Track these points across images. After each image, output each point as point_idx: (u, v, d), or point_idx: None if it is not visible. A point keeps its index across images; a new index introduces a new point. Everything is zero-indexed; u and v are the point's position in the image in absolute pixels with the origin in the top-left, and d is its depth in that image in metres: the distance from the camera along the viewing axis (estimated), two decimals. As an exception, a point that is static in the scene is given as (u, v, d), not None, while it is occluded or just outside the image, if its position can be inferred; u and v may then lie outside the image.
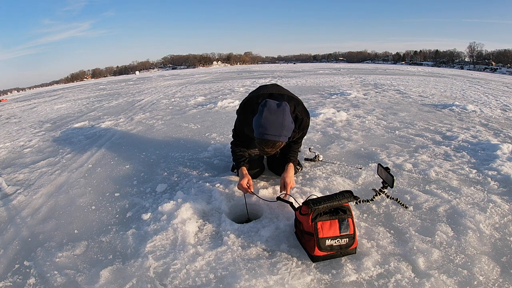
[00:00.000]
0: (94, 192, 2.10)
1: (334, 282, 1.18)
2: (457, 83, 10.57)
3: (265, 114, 1.46)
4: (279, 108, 1.48)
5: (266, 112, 1.46)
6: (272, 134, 1.45)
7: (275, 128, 1.45)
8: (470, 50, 79.70)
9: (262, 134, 1.46)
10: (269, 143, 1.48)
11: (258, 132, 1.47)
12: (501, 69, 61.17)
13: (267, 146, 1.50)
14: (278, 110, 1.48)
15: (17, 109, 9.86)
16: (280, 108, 1.48)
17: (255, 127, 1.51)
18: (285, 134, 1.49)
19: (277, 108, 1.48)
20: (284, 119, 1.48)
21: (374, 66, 31.02)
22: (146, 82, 16.47)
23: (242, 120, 1.82)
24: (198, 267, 1.27)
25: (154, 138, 3.49)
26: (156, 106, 6.19)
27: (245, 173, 1.79)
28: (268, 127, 1.45)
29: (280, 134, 1.47)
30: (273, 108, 1.48)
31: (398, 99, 5.83)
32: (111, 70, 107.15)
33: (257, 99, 1.73)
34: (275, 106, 1.49)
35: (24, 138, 4.21)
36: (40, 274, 1.32)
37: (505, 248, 1.32)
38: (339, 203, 1.30)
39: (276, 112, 1.47)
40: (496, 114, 4.37)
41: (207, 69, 48.28)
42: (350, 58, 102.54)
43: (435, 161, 2.34)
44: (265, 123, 1.45)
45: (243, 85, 9.72)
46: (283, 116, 1.47)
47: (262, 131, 1.46)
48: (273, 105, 1.49)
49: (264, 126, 1.45)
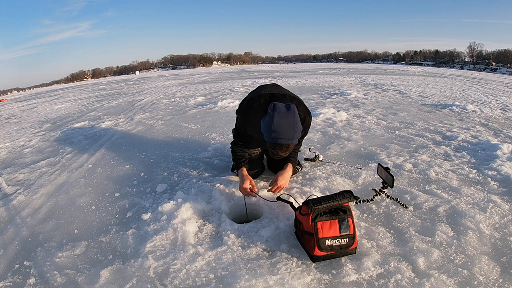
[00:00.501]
0: (94, 192, 2.11)
1: (334, 282, 1.18)
2: (457, 83, 10.57)
3: (277, 118, 1.46)
4: (289, 111, 1.49)
5: (277, 117, 1.46)
6: (286, 138, 1.47)
7: (288, 131, 1.47)
8: (470, 50, 79.84)
9: (275, 139, 1.47)
10: (283, 146, 1.50)
11: (271, 136, 1.47)
12: (501, 69, 61.20)
13: (281, 150, 1.52)
14: (289, 113, 1.48)
15: (17, 109, 9.85)
16: (291, 111, 1.49)
17: (266, 131, 1.51)
18: (297, 136, 1.51)
19: (287, 111, 1.49)
20: (295, 121, 1.49)
21: (374, 66, 31.01)
22: (146, 82, 16.46)
23: (244, 121, 1.82)
24: (198, 267, 1.27)
25: (154, 138, 3.49)
26: (156, 106, 6.19)
27: (245, 174, 1.79)
28: (281, 131, 1.46)
29: (293, 137, 1.49)
30: (283, 111, 1.48)
31: (398, 99, 5.83)
32: (111, 70, 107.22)
33: (259, 99, 1.73)
34: (285, 109, 1.49)
35: (24, 138, 4.21)
36: (40, 274, 1.32)
37: (505, 248, 1.32)
38: (339, 203, 1.30)
39: (287, 115, 1.48)
40: (496, 114, 4.37)
41: (207, 69, 48.28)
42: (350, 58, 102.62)
43: (435, 161, 2.34)
44: (278, 127, 1.45)
45: (243, 85, 9.72)
46: (294, 119, 1.49)
47: (276, 136, 1.46)
48: (283, 108, 1.49)
49: (277, 131, 1.46)
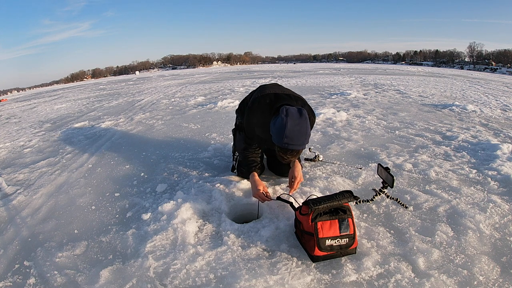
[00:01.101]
0: (94, 192, 2.10)
1: (334, 282, 1.18)
2: (457, 83, 10.57)
3: (290, 124, 1.44)
4: (301, 117, 1.47)
5: (290, 122, 1.44)
6: (298, 144, 1.46)
7: (300, 138, 1.46)
8: (470, 50, 79.80)
9: (287, 144, 1.46)
10: (294, 152, 1.50)
11: (283, 142, 1.46)
12: (501, 69, 61.19)
13: (292, 155, 1.52)
14: (302, 120, 1.47)
15: (17, 109, 9.85)
16: (303, 117, 1.47)
17: (277, 135, 1.49)
18: (307, 142, 1.51)
19: (300, 117, 1.47)
20: (307, 128, 1.48)
21: (374, 66, 31.02)
22: (146, 82, 16.46)
23: (251, 122, 1.78)
24: (198, 267, 1.27)
25: (154, 138, 3.49)
26: (156, 106, 6.19)
27: (257, 179, 1.76)
28: (294, 137, 1.45)
29: (304, 143, 1.49)
30: (296, 117, 1.46)
31: (398, 99, 5.83)
32: (111, 70, 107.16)
33: (265, 99, 1.72)
34: (298, 115, 1.47)
35: (24, 138, 4.21)
36: (40, 274, 1.32)
37: (505, 248, 1.32)
38: (339, 203, 1.30)
39: (300, 122, 1.46)
40: (496, 114, 4.37)
41: (207, 69, 48.28)
42: (350, 58, 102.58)
43: (435, 161, 2.34)
44: (291, 134, 1.44)
45: (243, 85, 9.72)
46: (306, 125, 1.47)
47: (288, 142, 1.45)
48: (296, 114, 1.47)
49: (289, 137, 1.44)
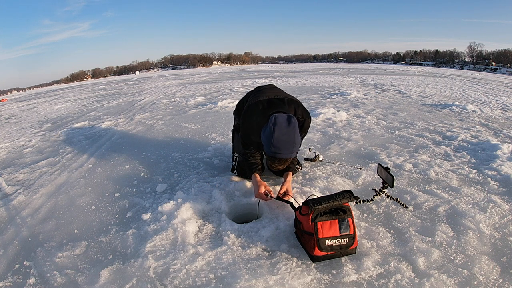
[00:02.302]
0: (94, 192, 2.11)
1: (334, 282, 1.18)
2: (457, 83, 10.57)
3: (277, 134, 1.46)
4: (289, 126, 1.49)
5: (277, 132, 1.46)
6: (285, 153, 1.50)
7: (287, 147, 1.49)
8: (470, 50, 79.76)
9: (275, 153, 1.50)
10: (282, 160, 1.56)
11: (271, 151, 1.50)
12: (501, 69, 61.17)
13: (279, 163, 1.60)
14: (289, 129, 1.48)
15: (17, 109, 9.86)
16: (291, 126, 1.49)
17: (266, 144, 1.52)
18: (295, 150, 1.54)
19: (287, 126, 1.48)
20: (295, 136, 1.50)
21: (374, 66, 31.03)
22: (146, 82, 16.47)
23: (245, 129, 1.78)
24: (198, 267, 1.27)
25: (154, 138, 3.49)
26: (156, 106, 6.19)
27: (258, 180, 1.77)
28: (281, 147, 1.48)
29: (292, 152, 1.52)
30: (284, 126, 1.48)
31: (398, 99, 5.83)
32: (111, 70, 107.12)
33: (257, 106, 1.72)
34: (286, 124, 1.49)
35: (24, 138, 4.21)
36: (40, 274, 1.32)
37: (505, 248, 1.32)
38: (339, 203, 1.30)
39: (288, 131, 1.48)
40: (496, 114, 4.37)
41: (207, 69, 48.28)
42: (350, 58, 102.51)
43: (435, 161, 2.34)
44: (278, 143, 1.47)
45: (243, 85, 9.72)
46: (294, 134, 1.49)
47: (275, 151, 1.49)
48: (284, 123, 1.49)
49: (276, 146, 1.48)
